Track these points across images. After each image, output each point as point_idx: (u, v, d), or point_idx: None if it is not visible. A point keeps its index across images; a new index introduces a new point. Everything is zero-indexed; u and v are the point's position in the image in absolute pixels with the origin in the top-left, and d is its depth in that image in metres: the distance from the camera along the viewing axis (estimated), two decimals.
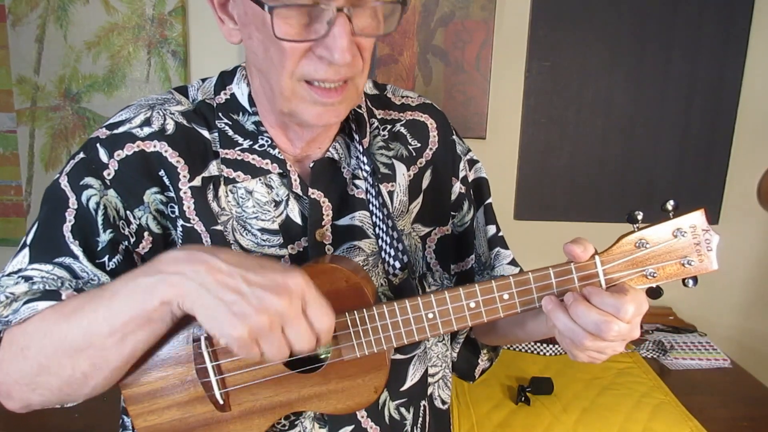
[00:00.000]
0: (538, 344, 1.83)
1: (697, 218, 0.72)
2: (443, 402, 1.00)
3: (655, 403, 1.53)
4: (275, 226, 0.82)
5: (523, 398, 1.52)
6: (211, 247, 0.69)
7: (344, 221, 0.86)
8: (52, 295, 0.73)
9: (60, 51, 1.90)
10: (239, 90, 0.85)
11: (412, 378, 0.91)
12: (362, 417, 0.87)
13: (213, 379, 0.77)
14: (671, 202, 0.71)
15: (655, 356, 1.82)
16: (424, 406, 0.94)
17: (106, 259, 0.77)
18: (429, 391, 0.96)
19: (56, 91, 1.94)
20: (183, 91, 0.87)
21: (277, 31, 0.69)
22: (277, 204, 0.83)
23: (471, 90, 1.96)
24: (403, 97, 0.96)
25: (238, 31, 0.78)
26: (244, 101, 0.84)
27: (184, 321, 0.73)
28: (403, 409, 0.91)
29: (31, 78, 1.92)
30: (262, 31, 0.72)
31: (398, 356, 0.89)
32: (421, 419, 0.94)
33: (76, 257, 0.76)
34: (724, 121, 2.00)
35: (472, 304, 0.75)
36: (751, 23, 1.94)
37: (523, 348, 1.83)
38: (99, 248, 0.77)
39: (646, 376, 1.68)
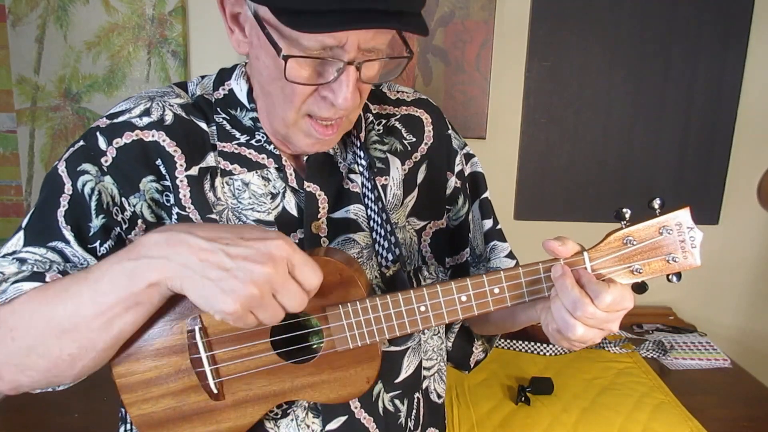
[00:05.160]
0: (538, 344, 1.83)
1: (682, 216, 0.73)
2: (438, 396, 1.01)
3: (655, 403, 1.53)
4: (271, 218, 0.84)
5: (523, 398, 1.52)
6: (186, 224, 0.70)
7: (339, 214, 0.87)
8: (38, 276, 0.74)
9: (60, 51, 1.90)
10: (238, 86, 0.86)
11: (407, 370, 0.92)
12: (356, 408, 0.88)
13: (207, 369, 0.77)
14: (657, 200, 0.73)
15: (655, 356, 1.82)
16: (419, 398, 0.95)
17: (97, 244, 0.78)
18: (424, 385, 0.97)
19: (56, 91, 1.94)
20: (182, 86, 0.89)
21: (288, 74, 0.71)
22: (273, 196, 0.85)
23: (471, 90, 1.96)
24: (398, 92, 0.97)
25: (246, 44, 0.79)
26: (242, 97, 0.86)
27: (176, 304, 0.74)
28: (397, 401, 0.91)
29: (31, 78, 1.92)
30: (273, 65, 0.74)
31: (392, 348, 0.90)
32: (415, 411, 0.94)
33: (67, 242, 0.77)
34: (724, 121, 2.00)
35: (464, 298, 0.77)
36: (751, 24, 1.94)
37: (523, 348, 1.83)
38: (91, 233, 0.78)
39: (646, 376, 1.68)
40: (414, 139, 0.94)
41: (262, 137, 0.85)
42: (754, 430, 1.47)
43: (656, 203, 0.73)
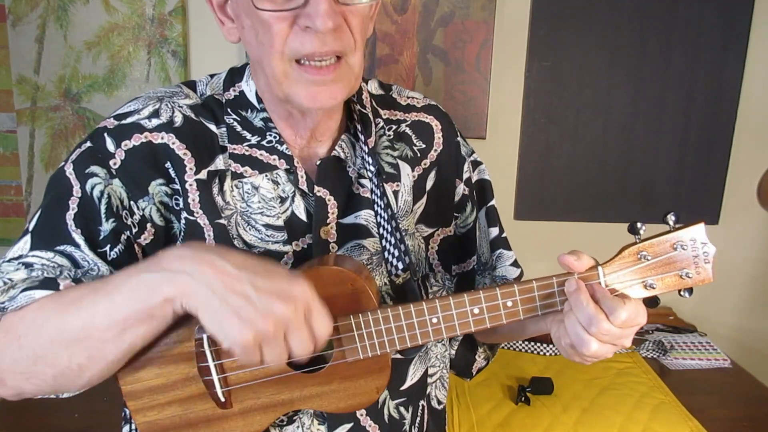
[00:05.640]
0: (538, 344, 1.83)
1: (697, 232, 0.73)
2: (439, 402, 1.01)
3: (655, 403, 1.53)
4: (280, 222, 0.83)
5: (523, 398, 1.52)
6: (217, 247, 0.69)
7: (349, 220, 0.86)
8: (49, 283, 0.72)
9: (60, 51, 1.90)
10: (248, 87, 0.86)
11: (413, 377, 0.92)
12: (361, 415, 0.88)
13: (215, 377, 0.77)
14: (672, 216, 0.73)
15: (655, 356, 1.82)
16: (423, 405, 0.95)
17: (107, 248, 0.77)
18: (427, 391, 0.97)
19: (56, 91, 1.94)
20: (191, 85, 0.87)
21: (257, 2, 0.70)
22: (282, 200, 0.84)
23: (471, 90, 1.96)
24: (408, 97, 0.96)
25: (236, 29, 0.79)
26: (252, 98, 0.85)
27: (185, 316, 0.73)
28: (402, 409, 0.91)
29: (31, 78, 1.92)
30: (250, 16, 0.73)
31: (399, 356, 0.90)
32: (419, 419, 0.94)
33: (77, 246, 0.76)
34: (724, 121, 2.00)
35: (476, 311, 0.76)
36: (751, 23, 1.94)
37: (523, 348, 1.83)
38: (101, 237, 0.77)
39: (646, 376, 1.68)
40: (424, 146, 0.93)
41: (274, 137, 0.84)
42: (754, 430, 1.48)
43: (671, 218, 0.72)
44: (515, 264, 0.98)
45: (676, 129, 2.00)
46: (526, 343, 1.83)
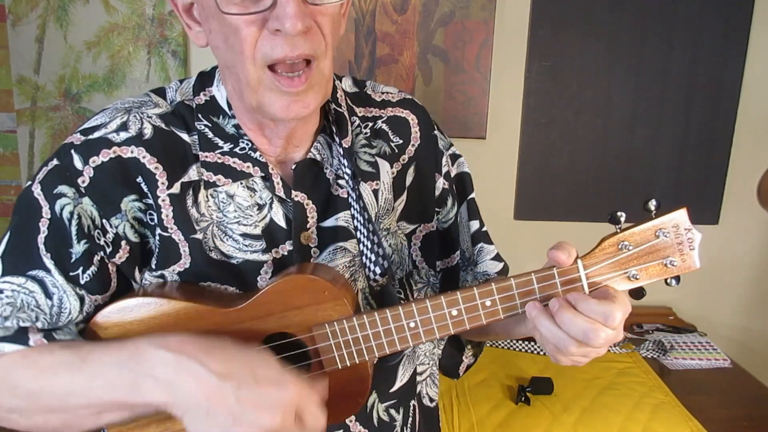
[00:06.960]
0: (538, 344, 1.82)
1: (679, 217, 0.71)
2: (431, 400, 0.99)
3: (655, 403, 1.53)
4: (257, 231, 0.80)
5: (523, 398, 1.52)
6: (197, 344, 0.68)
7: (329, 222, 0.84)
8: (20, 337, 0.72)
9: (60, 51, 1.90)
10: (219, 93, 0.82)
11: (402, 378, 0.91)
12: (350, 421, 0.87)
13: None
14: (653, 201, 0.70)
15: (655, 356, 1.82)
16: (414, 405, 0.94)
17: (80, 271, 0.74)
18: (417, 390, 0.95)
19: (56, 91, 1.94)
20: (161, 92, 0.84)
21: (222, 6, 0.68)
22: (260, 208, 0.81)
23: (471, 90, 1.96)
24: (383, 93, 0.94)
25: (203, 33, 0.76)
26: (223, 103, 0.82)
27: None
28: (392, 411, 0.90)
29: (31, 78, 1.92)
30: (218, 20, 0.71)
31: (385, 361, 0.88)
32: (410, 419, 0.93)
33: (48, 270, 0.73)
34: (724, 121, 2.00)
35: (454, 312, 0.74)
36: (752, 22, 1.94)
37: (523, 348, 1.83)
38: (72, 260, 0.74)
39: (646, 376, 1.68)
40: (401, 141, 0.91)
41: (247, 144, 0.80)
42: (754, 430, 1.47)
43: (652, 204, 0.70)
44: (497, 258, 0.96)
45: (676, 129, 2.00)
46: (526, 343, 1.83)
